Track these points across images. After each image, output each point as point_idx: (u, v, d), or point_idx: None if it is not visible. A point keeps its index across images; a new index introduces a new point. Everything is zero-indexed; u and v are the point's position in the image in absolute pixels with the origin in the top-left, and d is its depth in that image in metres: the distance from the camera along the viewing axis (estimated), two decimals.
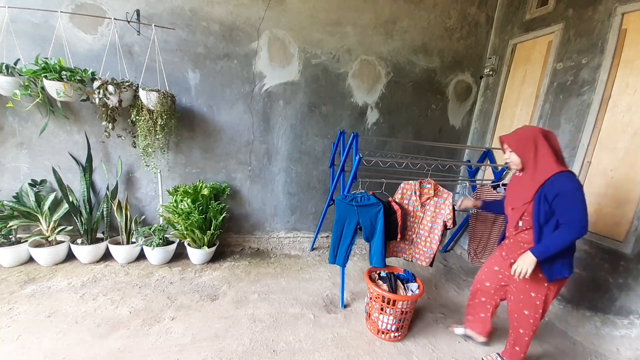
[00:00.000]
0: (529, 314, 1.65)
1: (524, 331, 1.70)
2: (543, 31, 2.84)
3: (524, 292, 1.65)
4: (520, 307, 1.68)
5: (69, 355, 1.67)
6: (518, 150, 1.58)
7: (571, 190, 1.42)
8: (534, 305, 1.62)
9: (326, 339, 2.00)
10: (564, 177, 1.44)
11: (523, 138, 1.56)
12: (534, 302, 1.62)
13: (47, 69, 2.15)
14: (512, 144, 1.59)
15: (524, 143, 1.55)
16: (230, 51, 2.83)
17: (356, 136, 2.32)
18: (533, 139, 1.52)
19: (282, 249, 3.34)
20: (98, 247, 2.63)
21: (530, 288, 1.62)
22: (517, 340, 1.75)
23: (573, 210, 1.42)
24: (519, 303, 1.68)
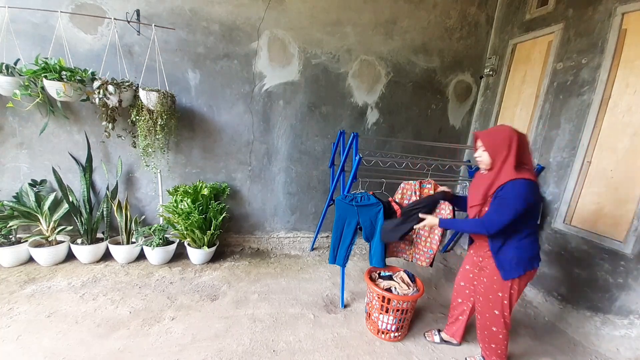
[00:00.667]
0: (499, 314, 1.69)
1: (497, 329, 1.73)
2: (543, 31, 2.84)
3: (492, 292, 1.68)
4: (491, 307, 1.71)
5: (69, 355, 1.67)
6: (491, 151, 1.56)
7: (509, 196, 1.49)
8: (501, 304, 1.67)
9: (326, 339, 2.00)
10: (513, 185, 1.48)
11: (499, 139, 1.54)
12: (502, 301, 1.66)
13: (47, 69, 2.15)
14: (487, 144, 1.58)
15: (499, 145, 1.53)
16: (230, 51, 2.83)
17: (356, 136, 2.32)
18: (508, 142, 1.51)
19: (282, 249, 3.34)
20: (98, 247, 2.63)
21: (497, 288, 1.65)
22: (492, 338, 1.76)
23: (495, 212, 1.52)
24: (489, 303, 1.71)
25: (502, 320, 1.69)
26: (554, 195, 2.60)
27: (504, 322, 1.70)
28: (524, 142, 1.54)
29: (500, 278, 1.62)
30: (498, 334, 1.73)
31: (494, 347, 1.77)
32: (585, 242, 2.35)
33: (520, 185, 1.47)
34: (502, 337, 1.73)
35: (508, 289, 1.63)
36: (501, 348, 1.76)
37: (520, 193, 1.47)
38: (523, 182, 1.47)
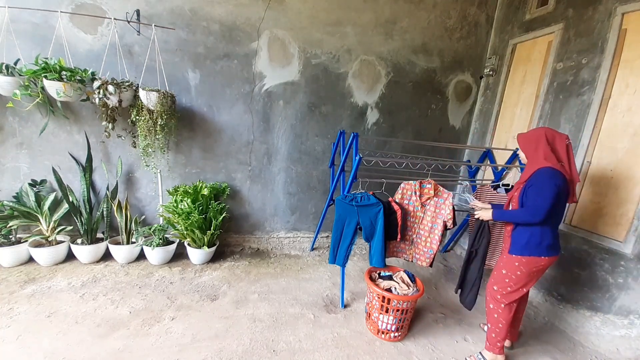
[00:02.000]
0: (497, 290, 1.82)
1: (493, 306, 1.84)
2: (543, 31, 2.84)
3: (497, 269, 1.84)
4: (492, 283, 1.85)
5: (69, 355, 1.67)
6: (522, 147, 1.80)
7: (540, 183, 1.62)
8: (502, 281, 1.79)
9: (326, 339, 2.00)
10: (542, 172, 1.62)
11: (528, 138, 1.76)
12: (503, 279, 1.78)
13: (47, 69, 2.15)
14: (519, 142, 1.81)
15: (527, 142, 1.76)
16: (230, 51, 2.83)
17: (356, 136, 2.32)
18: (536, 139, 1.71)
19: (282, 249, 3.34)
20: (98, 247, 2.63)
21: (503, 265, 1.80)
22: (489, 316, 1.87)
23: (535, 199, 1.64)
24: (492, 279, 1.86)
25: (498, 298, 1.80)
26: None
27: (499, 301, 1.80)
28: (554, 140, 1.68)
29: (508, 254, 1.76)
30: (493, 313, 1.84)
31: (490, 327, 1.86)
32: (585, 242, 2.35)
33: (546, 171, 1.61)
34: (496, 316, 1.82)
35: (513, 267, 1.74)
36: (495, 331, 1.83)
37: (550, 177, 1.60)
38: (549, 169, 1.61)
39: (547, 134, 1.69)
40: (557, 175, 1.60)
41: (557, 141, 1.68)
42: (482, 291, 2.04)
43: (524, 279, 1.74)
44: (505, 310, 1.80)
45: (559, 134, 1.70)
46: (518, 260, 1.72)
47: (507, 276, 1.77)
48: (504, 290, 1.79)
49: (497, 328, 1.83)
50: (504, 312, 1.80)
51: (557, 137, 1.69)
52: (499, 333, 1.83)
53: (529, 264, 1.71)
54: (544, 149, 1.66)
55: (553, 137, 1.69)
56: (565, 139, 1.68)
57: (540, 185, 1.62)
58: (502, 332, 1.82)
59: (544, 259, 1.70)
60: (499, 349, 1.85)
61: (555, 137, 1.69)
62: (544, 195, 1.60)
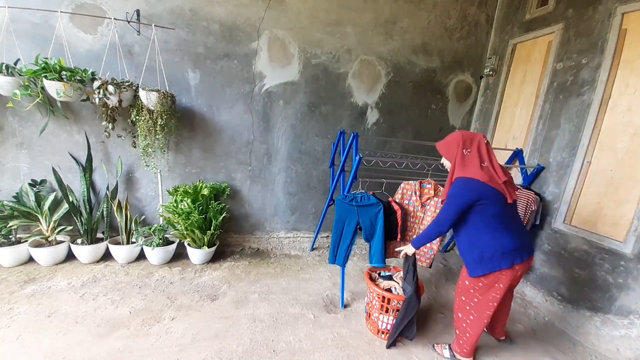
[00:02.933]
0: (465, 300, 1.78)
1: (461, 315, 1.80)
2: (543, 31, 2.84)
3: (461, 279, 1.80)
4: (459, 292, 1.82)
5: (69, 355, 1.67)
6: (445, 155, 1.74)
7: (450, 193, 1.64)
8: (468, 293, 1.75)
9: (326, 339, 2.00)
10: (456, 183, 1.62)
11: (447, 144, 1.70)
12: (468, 290, 1.75)
13: (47, 69, 2.15)
14: (440, 151, 1.75)
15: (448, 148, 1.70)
16: (230, 51, 2.83)
17: (356, 136, 2.32)
18: (455, 145, 1.65)
19: (282, 249, 3.34)
20: (98, 247, 2.63)
21: (465, 277, 1.75)
22: (456, 323, 1.85)
23: (442, 210, 1.68)
24: (458, 288, 1.83)
25: (467, 309, 1.76)
26: (554, 195, 2.60)
27: (469, 312, 1.75)
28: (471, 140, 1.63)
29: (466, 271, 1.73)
30: (461, 322, 1.80)
31: (458, 333, 1.83)
32: (585, 242, 2.35)
33: (457, 182, 1.61)
34: (465, 326, 1.78)
35: (474, 281, 1.70)
36: (463, 339, 1.80)
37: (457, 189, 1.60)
38: (460, 180, 1.60)
39: (465, 136, 1.64)
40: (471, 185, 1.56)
41: (475, 142, 1.63)
42: None
43: (488, 291, 1.68)
44: (475, 321, 1.73)
45: (475, 134, 1.66)
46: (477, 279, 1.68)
47: (470, 287, 1.72)
48: (471, 302, 1.73)
49: (465, 336, 1.78)
50: (473, 323, 1.74)
51: (474, 138, 1.64)
52: (467, 341, 1.79)
53: (487, 279, 1.65)
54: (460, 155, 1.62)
55: (471, 139, 1.64)
56: (483, 138, 1.65)
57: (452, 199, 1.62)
58: (470, 340, 1.77)
59: (504, 271, 1.60)
60: (466, 354, 1.82)
61: (473, 138, 1.64)
62: (449, 207, 1.62)
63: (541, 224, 2.63)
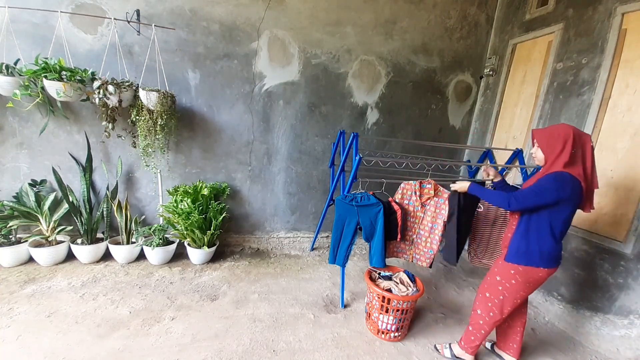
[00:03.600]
0: (489, 297, 1.71)
1: (481, 312, 1.75)
2: (543, 31, 2.84)
3: (491, 274, 1.72)
4: (485, 289, 1.74)
5: (69, 355, 1.67)
6: (544, 148, 1.57)
7: (544, 182, 1.50)
8: (495, 289, 1.68)
9: (326, 339, 2.00)
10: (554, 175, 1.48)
11: (554, 137, 1.52)
12: (497, 286, 1.68)
13: (47, 69, 2.15)
14: (540, 141, 1.59)
15: (552, 142, 1.52)
16: (230, 51, 2.83)
17: (356, 136, 2.31)
18: (564, 139, 1.48)
19: (282, 249, 3.34)
20: (98, 247, 2.63)
21: (497, 272, 1.69)
22: (473, 319, 1.79)
23: (525, 191, 1.54)
24: (484, 284, 1.76)
25: (489, 306, 1.70)
26: None
27: (490, 309, 1.70)
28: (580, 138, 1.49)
29: (503, 261, 1.65)
30: (479, 318, 1.75)
31: (470, 329, 1.80)
32: (585, 242, 2.35)
33: (559, 175, 1.45)
34: (482, 323, 1.73)
35: (508, 276, 1.63)
36: (475, 335, 1.77)
37: (555, 183, 1.45)
38: (564, 174, 1.45)
39: (575, 133, 1.47)
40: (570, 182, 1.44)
41: (583, 141, 1.49)
42: None
43: (519, 288, 1.63)
44: (492, 320, 1.71)
45: (584, 134, 1.52)
46: (514, 268, 1.61)
47: (500, 284, 1.66)
48: (496, 299, 1.68)
49: (479, 333, 1.76)
50: (490, 322, 1.71)
51: (583, 137, 1.50)
52: (479, 338, 1.77)
53: (525, 273, 1.59)
54: (568, 152, 1.45)
55: (580, 137, 1.48)
56: (590, 140, 1.50)
57: (544, 185, 1.47)
58: (482, 337, 1.76)
59: (542, 270, 1.57)
60: (473, 350, 1.82)
61: (582, 137, 1.49)
62: (541, 194, 1.48)
63: None
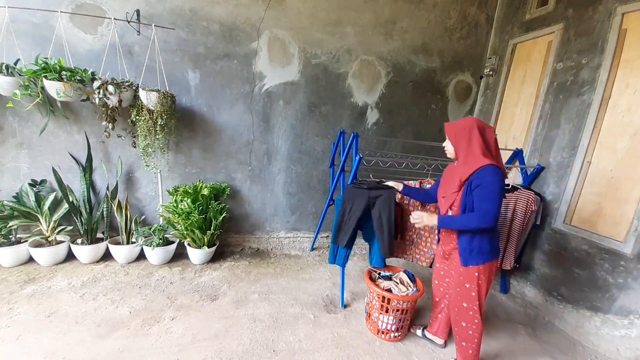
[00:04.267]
0: (467, 307, 1.68)
1: (466, 324, 1.71)
2: (543, 31, 2.84)
3: (460, 284, 1.68)
4: (459, 301, 1.70)
5: (69, 355, 1.67)
6: (453, 140, 1.63)
7: (490, 182, 1.48)
8: (469, 296, 1.65)
9: (326, 339, 2.00)
10: (488, 170, 1.48)
11: (459, 129, 1.59)
12: (470, 293, 1.65)
13: (47, 69, 2.15)
14: (449, 133, 1.65)
15: (459, 134, 1.59)
16: (230, 51, 2.83)
17: (356, 136, 2.32)
18: (468, 130, 1.55)
19: (282, 249, 3.33)
20: (98, 247, 2.63)
21: (464, 279, 1.65)
22: (462, 334, 1.74)
23: (487, 201, 1.49)
24: (457, 297, 1.71)
25: (471, 314, 1.67)
26: (554, 195, 2.60)
27: (473, 317, 1.67)
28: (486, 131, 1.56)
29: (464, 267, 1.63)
30: (467, 330, 1.71)
31: (465, 345, 1.74)
32: (585, 242, 2.35)
33: (493, 170, 1.49)
34: (471, 333, 1.70)
35: (475, 279, 1.62)
36: (472, 347, 1.72)
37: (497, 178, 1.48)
38: (494, 168, 1.49)
39: (479, 124, 1.55)
40: (501, 175, 1.50)
41: (487, 133, 1.56)
42: None
43: (486, 286, 1.64)
44: (478, 324, 1.68)
45: (487, 125, 1.60)
46: (477, 270, 1.61)
47: (471, 289, 1.64)
48: (474, 305, 1.66)
49: (473, 344, 1.72)
50: (478, 329, 1.69)
51: (486, 128, 1.57)
52: (474, 348, 1.72)
53: (486, 270, 1.61)
54: (479, 142, 1.52)
55: (483, 128, 1.56)
56: (494, 131, 1.58)
57: (488, 188, 1.48)
58: (477, 346, 1.72)
59: (495, 262, 1.63)
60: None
61: (485, 128, 1.57)
62: (493, 198, 1.47)
63: (541, 224, 2.63)
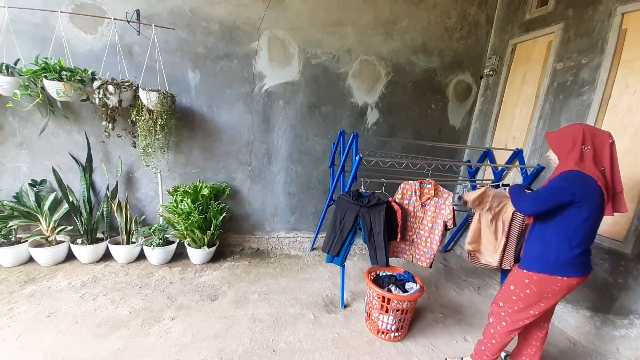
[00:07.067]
0: (503, 306, 1.62)
1: (493, 320, 1.66)
2: (543, 31, 2.84)
3: (506, 283, 1.64)
4: (499, 297, 1.66)
5: (69, 355, 1.67)
6: (554, 148, 1.54)
7: (551, 183, 1.46)
8: (509, 299, 1.59)
9: (326, 339, 2.00)
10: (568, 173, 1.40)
11: (563, 136, 1.49)
12: (510, 296, 1.58)
13: (47, 69, 2.15)
14: (551, 142, 1.55)
15: (561, 142, 1.49)
16: (230, 51, 2.83)
17: (356, 136, 2.32)
18: (572, 139, 1.43)
19: (282, 249, 3.33)
20: (98, 247, 2.63)
21: (512, 280, 1.60)
22: (485, 328, 1.71)
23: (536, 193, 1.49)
24: (499, 293, 1.67)
25: (502, 314, 1.60)
26: None
27: (502, 318, 1.60)
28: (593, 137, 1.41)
29: (518, 269, 1.57)
30: (490, 327, 1.66)
31: (481, 338, 1.70)
32: None
33: (568, 174, 1.38)
34: (492, 331, 1.64)
35: (522, 285, 1.53)
36: (486, 345, 1.66)
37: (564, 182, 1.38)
38: (573, 172, 1.37)
39: (586, 131, 1.41)
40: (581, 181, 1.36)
41: (598, 139, 1.40)
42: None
43: (535, 299, 1.51)
44: (503, 331, 1.60)
45: (600, 132, 1.43)
46: (528, 277, 1.50)
47: (514, 293, 1.55)
48: (509, 309, 1.57)
49: (489, 343, 1.65)
50: (502, 332, 1.61)
51: (597, 134, 1.42)
52: (490, 348, 1.65)
53: (540, 282, 1.47)
54: (578, 150, 1.39)
55: (593, 134, 1.41)
56: (608, 137, 1.41)
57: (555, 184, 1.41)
58: (493, 348, 1.64)
59: (559, 279, 1.44)
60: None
61: (596, 134, 1.41)
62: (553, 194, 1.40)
63: None
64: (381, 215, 2.08)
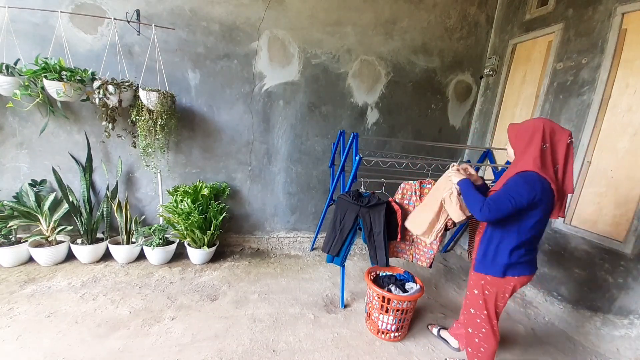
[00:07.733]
0: (474, 313, 1.62)
1: (472, 331, 1.65)
2: (543, 31, 2.84)
3: (469, 288, 1.65)
4: (468, 305, 1.66)
5: (69, 355, 1.67)
6: (512, 142, 1.50)
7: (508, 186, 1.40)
8: (477, 304, 1.59)
9: (326, 339, 2.00)
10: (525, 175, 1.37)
11: (521, 130, 1.45)
12: (477, 301, 1.59)
13: (47, 69, 2.15)
14: (510, 134, 1.51)
15: (519, 135, 1.45)
16: (230, 51, 2.84)
17: (356, 136, 2.32)
18: (531, 133, 1.40)
19: (282, 249, 3.33)
20: (98, 247, 2.63)
21: (473, 285, 1.61)
22: (468, 339, 1.70)
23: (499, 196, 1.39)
24: (467, 300, 1.68)
25: (478, 322, 1.60)
26: None
27: (480, 325, 1.59)
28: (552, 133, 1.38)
29: (473, 272, 1.59)
30: (473, 337, 1.64)
31: (470, 352, 1.68)
32: (585, 242, 2.35)
33: (528, 176, 1.35)
34: (477, 341, 1.62)
35: (481, 287, 1.55)
36: (476, 355, 1.64)
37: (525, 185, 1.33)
38: (531, 174, 1.35)
39: (546, 126, 1.38)
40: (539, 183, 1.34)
41: (557, 137, 1.38)
42: None
43: (495, 299, 1.53)
44: (487, 334, 1.59)
45: (561, 129, 1.40)
46: (483, 279, 1.53)
47: (479, 297, 1.56)
48: (481, 314, 1.57)
49: (479, 352, 1.63)
50: (486, 336, 1.59)
51: (557, 132, 1.38)
52: (482, 356, 1.63)
53: (495, 284, 1.50)
54: (537, 147, 1.37)
55: (553, 131, 1.38)
56: (568, 137, 1.38)
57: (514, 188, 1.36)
58: (484, 356, 1.62)
59: (511, 279, 1.46)
60: None
61: (556, 132, 1.38)
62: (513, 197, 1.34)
63: None
64: (381, 215, 2.08)
